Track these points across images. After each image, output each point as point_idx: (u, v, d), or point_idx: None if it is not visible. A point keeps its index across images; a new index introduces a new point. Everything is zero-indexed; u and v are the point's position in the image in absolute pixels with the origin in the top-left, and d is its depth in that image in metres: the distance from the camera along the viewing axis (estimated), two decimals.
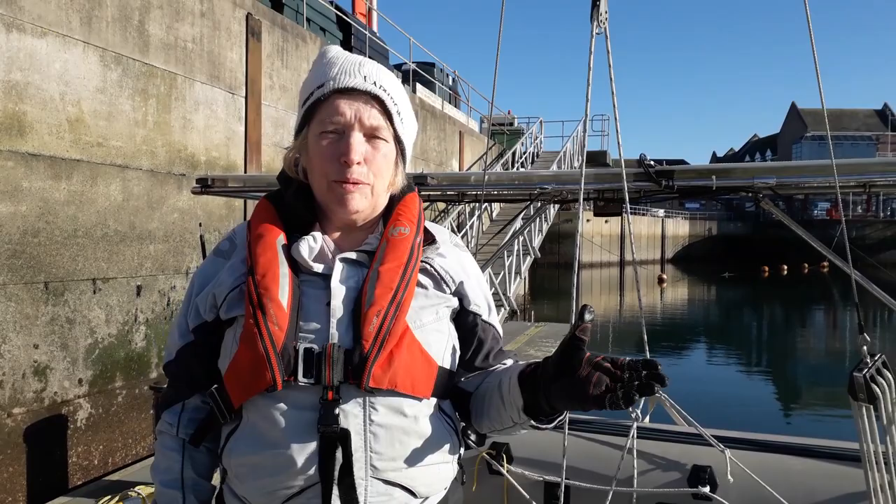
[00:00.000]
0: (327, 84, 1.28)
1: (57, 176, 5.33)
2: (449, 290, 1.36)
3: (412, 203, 1.40)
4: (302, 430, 1.19)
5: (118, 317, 5.96)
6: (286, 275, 1.26)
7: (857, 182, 2.42)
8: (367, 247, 1.32)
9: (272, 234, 1.31)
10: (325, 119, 1.28)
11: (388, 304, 1.23)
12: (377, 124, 1.28)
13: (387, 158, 1.31)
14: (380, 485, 1.21)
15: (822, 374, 14.07)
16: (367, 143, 1.29)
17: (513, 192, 3.24)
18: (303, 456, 1.18)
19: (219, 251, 1.40)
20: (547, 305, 22.19)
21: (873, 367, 1.98)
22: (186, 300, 1.39)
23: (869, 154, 52.23)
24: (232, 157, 7.56)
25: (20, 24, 4.99)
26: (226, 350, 1.30)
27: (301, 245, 1.28)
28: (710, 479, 2.40)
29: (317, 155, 1.29)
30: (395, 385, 1.21)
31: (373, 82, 1.28)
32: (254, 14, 7.89)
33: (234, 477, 1.27)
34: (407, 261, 1.29)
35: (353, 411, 1.20)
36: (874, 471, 1.96)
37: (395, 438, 1.22)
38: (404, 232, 1.33)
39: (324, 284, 1.27)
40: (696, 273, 41.49)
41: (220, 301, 1.31)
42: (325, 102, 1.28)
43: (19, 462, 5.01)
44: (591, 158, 22.97)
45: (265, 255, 1.27)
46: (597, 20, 2.24)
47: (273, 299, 1.22)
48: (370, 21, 15.75)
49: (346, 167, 1.26)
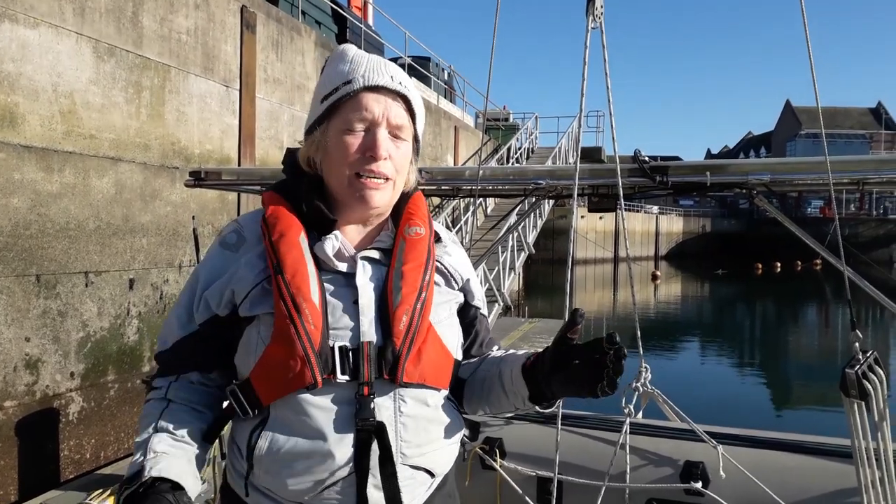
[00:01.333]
0: (356, 80, 1.32)
1: (49, 168, 5.30)
2: (457, 287, 1.45)
3: (421, 202, 1.47)
4: (339, 424, 1.23)
5: (110, 310, 5.94)
6: (314, 274, 1.28)
7: (850, 179, 2.43)
8: (382, 244, 1.37)
9: (294, 232, 1.32)
10: (351, 115, 1.31)
11: (414, 302, 1.30)
12: (402, 123, 1.34)
13: (406, 157, 1.37)
14: (407, 470, 1.28)
15: (814, 370, 14.14)
16: (392, 140, 1.34)
17: (507, 187, 3.24)
18: (340, 448, 1.22)
19: (226, 244, 1.38)
20: (541, 301, 22.21)
21: (865, 364, 1.99)
22: (190, 292, 1.37)
23: (863, 152, 52.31)
24: (226, 150, 7.54)
25: (12, 14, 4.96)
26: (249, 347, 1.29)
27: (325, 244, 1.31)
28: (702, 475, 2.40)
29: (341, 149, 1.32)
30: (425, 379, 1.30)
31: (399, 82, 1.34)
32: (248, 6, 7.85)
33: (263, 472, 1.27)
34: (426, 260, 1.37)
35: (385, 404, 1.26)
36: (866, 467, 1.97)
37: (421, 427, 1.30)
38: (420, 232, 1.39)
39: (346, 282, 1.31)
40: (690, 270, 41.60)
41: (239, 298, 1.30)
42: (352, 99, 1.31)
43: (10, 455, 4.99)
44: (586, 154, 22.97)
45: (291, 254, 1.29)
46: (592, 15, 2.24)
47: (307, 299, 1.25)
48: (366, 14, 15.69)
49: (373, 161, 1.30)
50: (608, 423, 2.74)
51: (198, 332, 1.35)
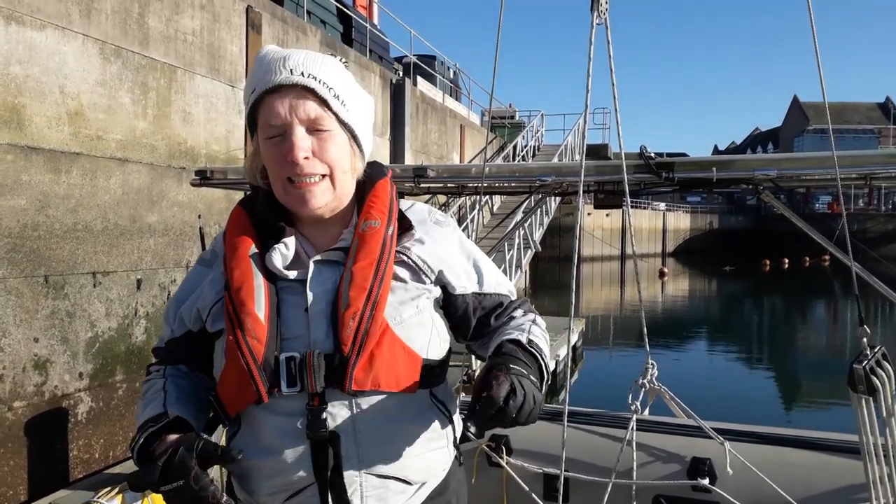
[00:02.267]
0: (258, 87, 1.25)
1: (56, 169, 5.32)
2: (429, 280, 1.34)
3: (383, 192, 1.36)
4: (293, 436, 1.22)
5: (118, 310, 5.96)
6: (261, 286, 1.25)
7: (858, 174, 2.41)
8: (343, 243, 1.30)
9: (245, 245, 1.30)
10: (265, 123, 1.26)
11: (363, 304, 1.22)
12: (315, 115, 1.24)
13: (338, 147, 1.28)
14: (374, 479, 1.25)
15: (822, 366, 14.08)
16: (312, 135, 1.25)
17: (513, 184, 3.23)
18: (297, 461, 1.22)
19: (202, 260, 1.41)
20: (548, 299, 22.19)
21: (873, 359, 1.98)
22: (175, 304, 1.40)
23: (871, 147, 52.00)
24: (232, 150, 7.55)
25: (19, 16, 4.98)
26: (217, 362, 1.31)
27: (273, 255, 1.27)
28: (709, 472, 2.40)
29: (268, 159, 1.28)
30: (379, 385, 1.23)
31: (300, 73, 1.23)
32: (254, 6, 7.87)
33: (237, 480, 1.31)
34: (379, 256, 1.27)
35: (340, 413, 1.22)
36: (874, 463, 1.96)
37: (384, 435, 1.25)
38: (375, 226, 1.30)
39: (302, 290, 1.26)
40: (698, 266, 41.47)
41: (204, 315, 1.32)
42: (260, 106, 1.26)
43: (20, 455, 5.02)
44: (593, 151, 22.88)
45: (239, 269, 1.27)
46: (597, 10, 2.23)
47: (250, 313, 1.22)
48: (371, 14, 15.69)
49: (294, 165, 1.23)
50: (615, 419, 2.73)
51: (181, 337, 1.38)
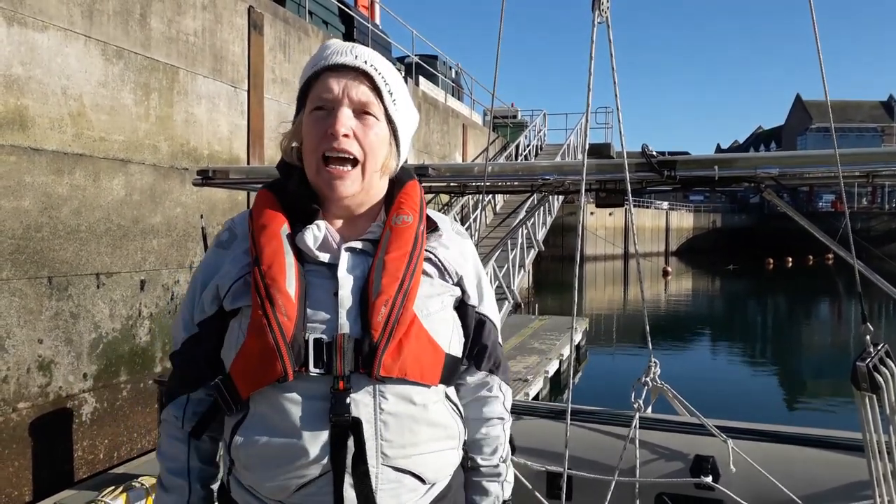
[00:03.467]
0: (319, 63, 1.30)
1: (59, 171, 5.34)
2: (452, 281, 1.37)
3: (413, 191, 1.39)
4: (313, 419, 1.19)
5: (122, 311, 5.97)
6: (292, 265, 1.25)
7: (860, 172, 2.40)
8: (371, 235, 1.32)
9: (276, 224, 1.30)
10: (315, 96, 1.29)
11: (395, 293, 1.23)
12: (366, 100, 1.28)
13: (378, 137, 1.30)
14: (390, 472, 1.22)
15: (825, 364, 14.07)
16: (357, 118, 1.28)
17: (515, 183, 3.23)
18: (315, 446, 1.19)
19: (220, 243, 1.39)
20: (551, 298, 22.18)
21: (876, 357, 1.97)
22: (191, 293, 1.37)
23: (875, 145, 51.83)
24: (235, 150, 7.56)
25: (21, 17, 4.99)
26: (231, 341, 1.28)
27: (306, 234, 1.27)
28: (712, 469, 2.40)
29: (308, 130, 1.29)
30: (405, 373, 1.22)
31: (363, 61, 1.29)
32: (256, 7, 7.88)
33: (242, 468, 1.26)
34: (412, 249, 1.29)
35: (363, 400, 1.20)
36: (877, 460, 1.95)
37: (405, 426, 1.23)
38: (407, 220, 1.32)
39: (329, 274, 1.26)
40: (701, 265, 41.44)
41: (223, 292, 1.29)
42: (316, 81, 1.29)
43: (25, 456, 5.04)
44: (595, 151, 22.89)
45: (270, 245, 1.26)
46: (599, 9, 2.23)
47: (281, 290, 1.21)
48: (373, 14, 15.69)
49: (333, 139, 1.25)
50: (618, 417, 2.73)
51: (198, 333, 1.35)
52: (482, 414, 1.45)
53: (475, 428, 1.45)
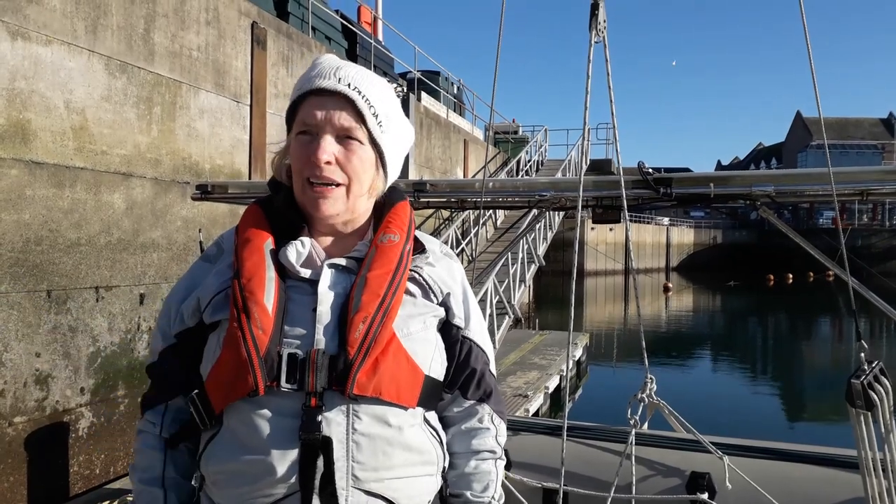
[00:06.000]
0: (304, 86, 1.29)
1: (60, 184, 5.36)
2: (436, 300, 1.35)
3: (402, 211, 1.39)
4: (283, 436, 1.17)
5: (121, 325, 5.97)
6: (272, 279, 1.25)
7: (854, 190, 2.42)
8: (357, 253, 1.32)
9: (259, 239, 1.30)
10: (300, 120, 1.28)
11: (374, 310, 1.22)
12: (348, 125, 1.27)
13: (362, 161, 1.29)
14: (361, 495, 1.19)
15: (823, 381, 14.04)
16: (340, 143, 1.27)
17: (515, 199, 3.25)
18: (283, 463, 1.16)
19: (206, 256, 1.40)
20: (551, 314, 22.15)
21: (871, 374, 1.98)
22: (168, 305, 1.37)
23: (875, 163, 51.92)
24: (237, 165, 7.59)
25: (25, 32, 5.03)
26: (209, 354, 1.28)
27: (289, 250, 1.27)
28: (708, 486, 2.39)
29: (294, 155, 1.30)
30: (380, 393, 1.20)
31: (346, 84, 1.27)
32: (259, 22, 7.94)
33: (211, 484, 1.25)
34: (395, 268, 1.28)
35: (336, 419, 1.18)
36: (872, 477, 1.95)
37: (379, 448, 1.20)
38: (394, 239, 1.32)
39: (311, 290, 1.25)
40: (702, 281, 41.40)
41: (203, 304, 1.30)
42: (301, 105, 1.29)
43: (20, 471, 5.02)
44: (596, 167, 23.00)
45: (251, 259, 1.27)
46: (595, 29, 2.26)
47: (258, 303, 1.21)
48: (375, 30, 15.81)
49: (315, 167, 1.25)
50: (614, 433, 2.73)
51: (175, 344, 1.34)
52: (471, 447, 1.39)
53: (464, 461, 1.39)
